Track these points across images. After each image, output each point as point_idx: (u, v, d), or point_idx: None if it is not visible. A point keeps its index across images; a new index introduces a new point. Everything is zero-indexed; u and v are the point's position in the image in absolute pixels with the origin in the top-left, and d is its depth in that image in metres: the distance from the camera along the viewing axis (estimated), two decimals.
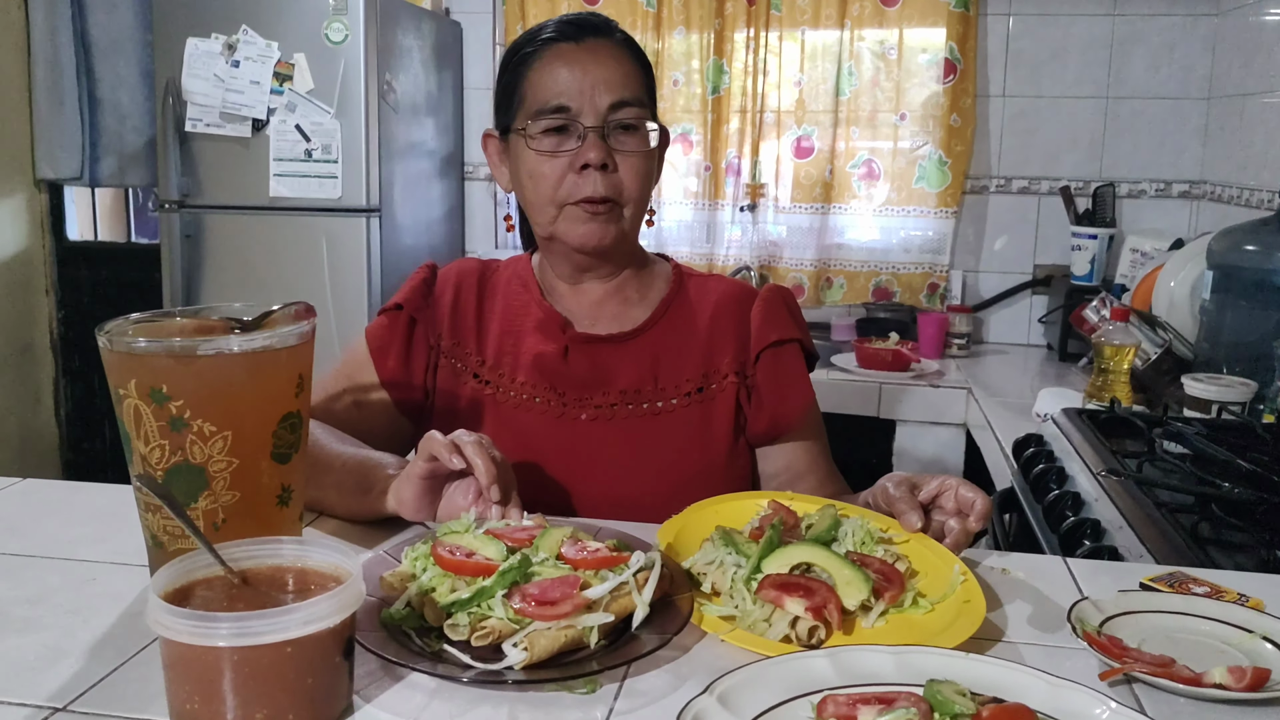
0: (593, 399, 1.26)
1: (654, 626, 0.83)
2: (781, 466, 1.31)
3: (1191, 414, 1.88)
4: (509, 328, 1.31)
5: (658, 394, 1.27)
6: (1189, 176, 3.07)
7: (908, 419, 2.68)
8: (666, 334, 1.31)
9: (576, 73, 1.20)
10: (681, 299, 1.34)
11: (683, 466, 1.25)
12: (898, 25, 3.14)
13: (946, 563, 0.92)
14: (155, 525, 0.87)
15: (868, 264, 3.28)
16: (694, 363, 1.29)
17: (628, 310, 1.32)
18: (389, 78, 2.93)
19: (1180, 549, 1.22)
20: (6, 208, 3.46)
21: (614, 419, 1.26)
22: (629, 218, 1.25)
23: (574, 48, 1.22)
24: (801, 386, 1.31)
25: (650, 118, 1.25)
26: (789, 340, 1.31)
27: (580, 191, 1.20)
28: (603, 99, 1.20)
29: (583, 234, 1.23)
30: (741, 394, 1.29)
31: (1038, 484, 1.65)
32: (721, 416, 1.28)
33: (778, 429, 1.30)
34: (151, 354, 0.82)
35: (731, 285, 1.37)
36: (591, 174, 1.20)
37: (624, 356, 1.28)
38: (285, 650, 0.67)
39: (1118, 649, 0.81)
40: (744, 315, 1.32)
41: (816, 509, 1.02)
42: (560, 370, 1.27)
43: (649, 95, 1.27)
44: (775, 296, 1.34)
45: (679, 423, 1.27)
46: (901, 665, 0.75)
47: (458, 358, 1.31)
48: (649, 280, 1.35)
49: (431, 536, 0.92)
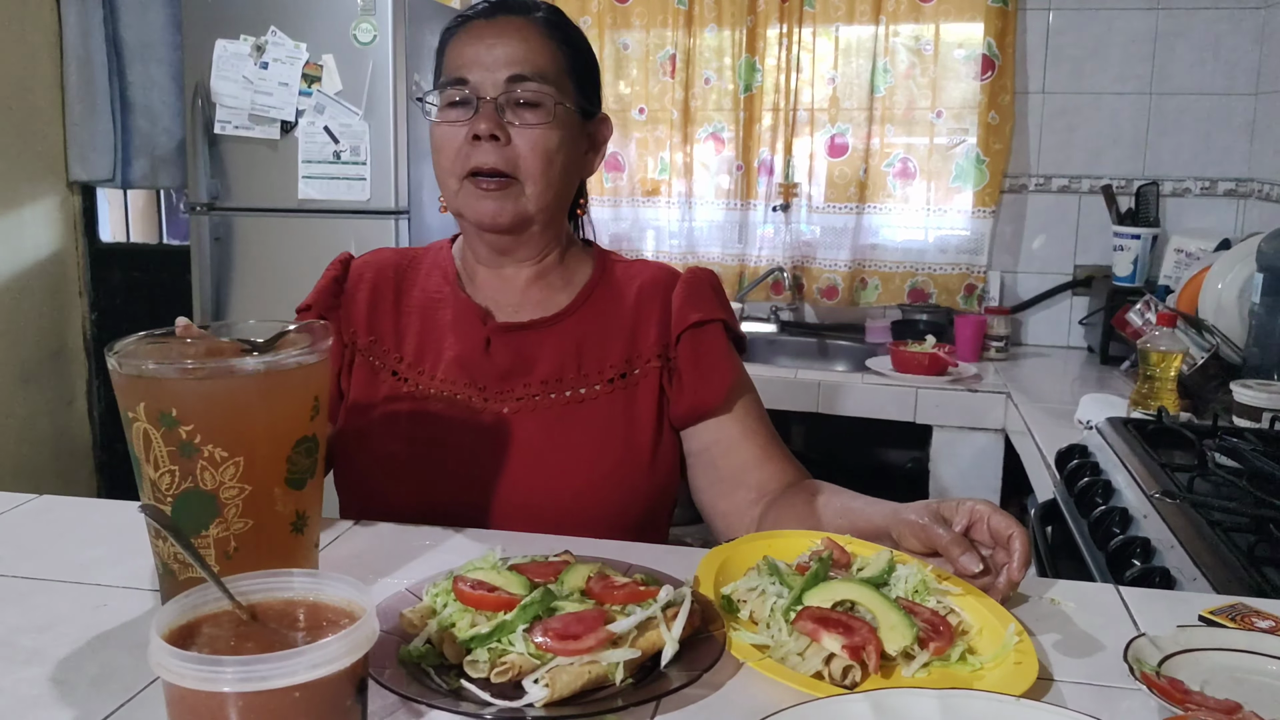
0: (514, 390, 1.24)
1: (683, 664, 0.79)
2: (709, 441, 1.27)
3: (1241, 422, 1.81)
4: (429, 323, 1.29)
5: (580, 380, 1.24)
6: (1235, 174, 2.98)
7: (945, 424, 2.62)
8: (590, 319, 1.28)
9: (480, 48, 1.20)
10: (606, 284, 1.31)
11: (607, 455, 1.22)
12: (934, 20, 3.07)
13: (1003, 622, 0.87)
14: (166, 553, 0.84)
15: (903, 265, 3.22)
16: (618, 348, 1.26)
17: (551, 296, 1.30)
18: (418, 78, 2.91)
19: (1236, 571, 1.16)
20: (40, 210, 3.47)
21: (536, 409, 1.23)
22: (531, 195, 1.21)
23: (485, 24, 1.22)
24: (724, 366, 1.27)
25: (559, 96, 1.21)
26: (710, 320, 1.28)
27: (472, 161, 1.19)
28: (501, 72, 1.19)
29: (478, 211, 1.21)
30: (664, 377, 1.26)
31: (1082, 498, 1.59)
32: (645, 401, 1.25)
33: (699, 410, 1.26)
34: (160, 377, 0.79)
35: (656, 269, 1.34)
36: (483, 145, 1.18)
37: (546, 343, 1.26)
38: (293, 695, 0.63)
39: (1179, 693, 0.76)
40: (666, 298, 1.29)
41: (872, 552, 0.97)
42: (481, 363, 1.25)
43: (571, 75, 1.24)
44: (697, 278, 1.32)
45: (602, 409, 1.24)
46: (948, 710, 0.70)
47: (375, 355, 1.29)
48: (574, 266, 1.33)
49: (455, 572, 0.89)
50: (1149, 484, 1.46)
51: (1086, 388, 2.53)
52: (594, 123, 1.30)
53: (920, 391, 2.63)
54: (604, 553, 1.01)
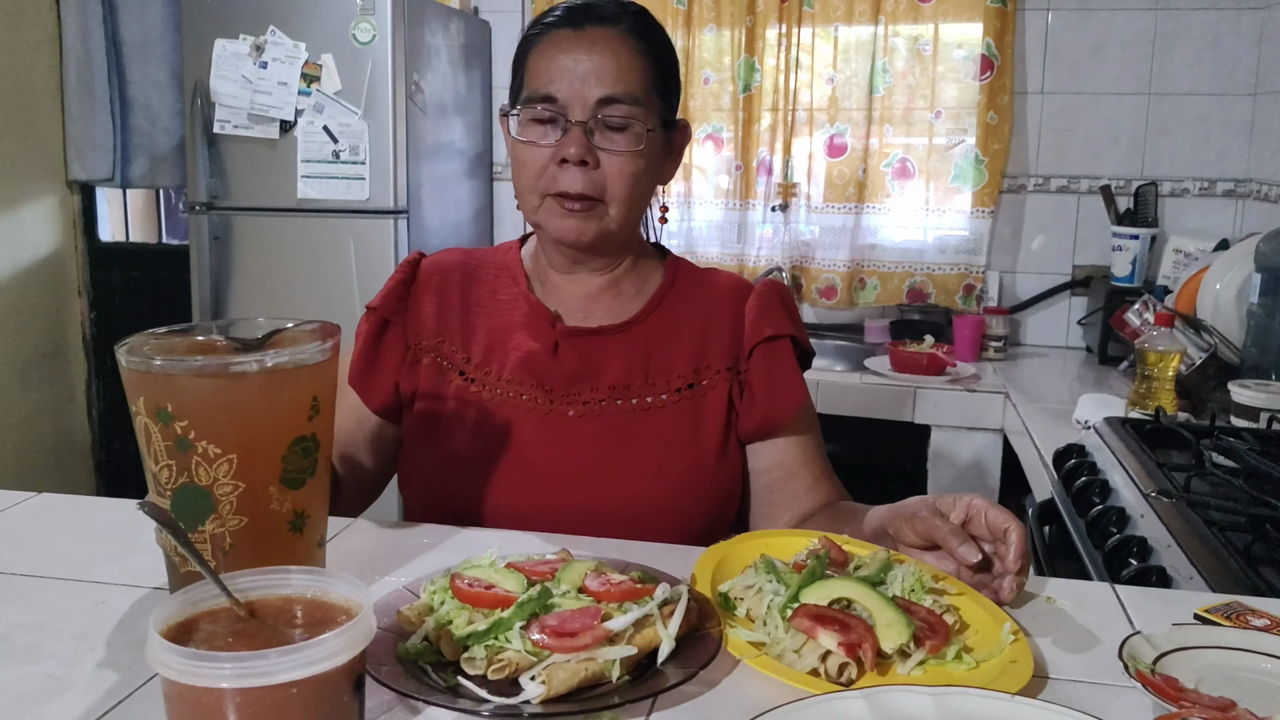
0: (580, 395, 1.22)
1: (680, 661, 0.79)
2: (773, 463, 1.27)
3: (1239, 422, 1.81)
4: (498, 324, 1.27)
5: (647, 389, 1.24)
6: (1234, 175, 2.99)
7: (943, 424, 2.62)
8: (659, 327, 1.27)
9: (568, 63, 1.16)
10: (676, 292, 1.30)
11: (672, 464, 1.21)
12: (933, 21, 3.07)
13: (998, 621, 0.87)
14: (168, 546, 0.84)
15: (902, 265, 3.22)
16: (686, 358, 1.26)
17: (622, 304, 1.29)
18: (417, 78, 2.91)
19: (1233, 571, 1.16)
20: (39, 209, 3.48)
21: (602, 415, 1.22)
22: (615, 216, 1.20)
23: (572, 35, 1.17)
24: (794, 383, 1.27)
25: (647, 117, 1.18)
26: (783, 336, 1.28)
27: (558, 185, 1.17)
28: (592, 92, 1.15)
29: (560, 228, 1.20)
30: (734, 390, 1.26)
31: (1080, 497, 1.60)
32: (713, 413, 1.24)
33: (769, 426, 1.26)
34: (157, 372, 0.79)
35: (727, 279, 1.33)
36: (570, 169, 1.16)
37: (614, 349, 1.25)
38: (290, 691, 0.63)
39: (1174, 690, 0.76)
40: (738, 310, 1.29)
41: (868, 552, 0.98)
42: (549, 366, 1.23)
43: (657, 90, 1.21)
44: (770, 291, 1.31)
45: (669, 419, 1.23)
46: (943, 708, 0.71)
47: (443, 355, 1.27)
48: (645, 273, 1.32)
49: (452, 570, 0.89)
50: (1146, 483, 1.46)
51: (1085, 388, 2.54)
52: (675, 131, 1.27)
53: (919, 391, 2.63)
54: (606, 550, 1.01)
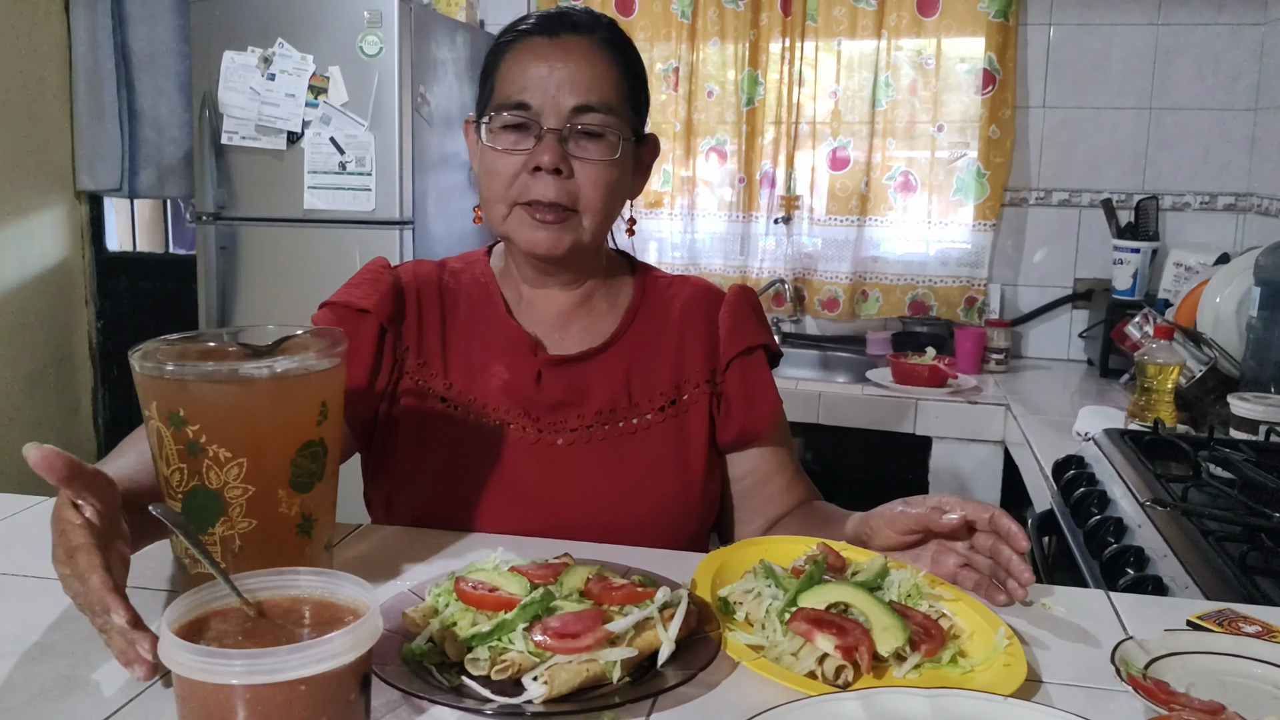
0: (568, 422, 1.22)
1: (680, 663, 0.80)
2: (749, 469, 1.30)
3: (1238, 434, 1.82)
4: (477, 348, 1.25)
5: (632, 410, 1.24)
6: (1235, 189, 3.00)
7: (944, 436, 2.63)
8: (636, 344, 1.27)
9: (543, 70, 1.14)
10: (648, 305, 1.30)
11: (663, 483, 1.22)
12: (935, 35, 3.10)
13: (993, 626, 0.89)
14: (178, 548, 0.86)
15: (904, 277, 3.23)
16: (665, 373, 1.26)
17: (596, 321, 1.28)
18: (423, 90, 2.94)
19: (1228, 580, 1.17)
20: (48, 218, 3.50)
21: (591, 440, 1.22)
22: (588, 227, 1.18)
23: (546, 43, 1.16)
24: (770, 394, 1.29)
25: (621, 127, 1.17)
26: (757, 347, 1.29)
27: (530, 193, 1.15)
28: (566, 100, 1.14)
29: (531, 240, 1.17)
30: (712, 403, 1.27)
31: (1079, 508, 1.61)
32: (696, 429, 1.26)
33: (746, 437, 1.28)
34: (170, 377, 0.81)
35: (695, 287, 1.33)
36: (544, 177, 1.14)
37: (596, 374, 1.24)
38: (299, 688, 0.65)
39: (1164, 694, 0.77)
40: (711, 318, 1.29)
41: (866, 559, 0.99)
42: (533, 396, 1.22)
43: (629, 101, 1.20)
44: (741, 300, 1.32)
45: (656, 438, 1.24)
46: (937, 710, 0.72)
47: (423, 377, 1.24)
48: (616, 288, 1.31)
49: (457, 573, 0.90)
50: (1143, 494, 1.48)
51: (1086, 400, 2.55)
52: (645, 146, 1.26)
53: (920, 403, 2.65)
54: (605, 556, 1.03)
